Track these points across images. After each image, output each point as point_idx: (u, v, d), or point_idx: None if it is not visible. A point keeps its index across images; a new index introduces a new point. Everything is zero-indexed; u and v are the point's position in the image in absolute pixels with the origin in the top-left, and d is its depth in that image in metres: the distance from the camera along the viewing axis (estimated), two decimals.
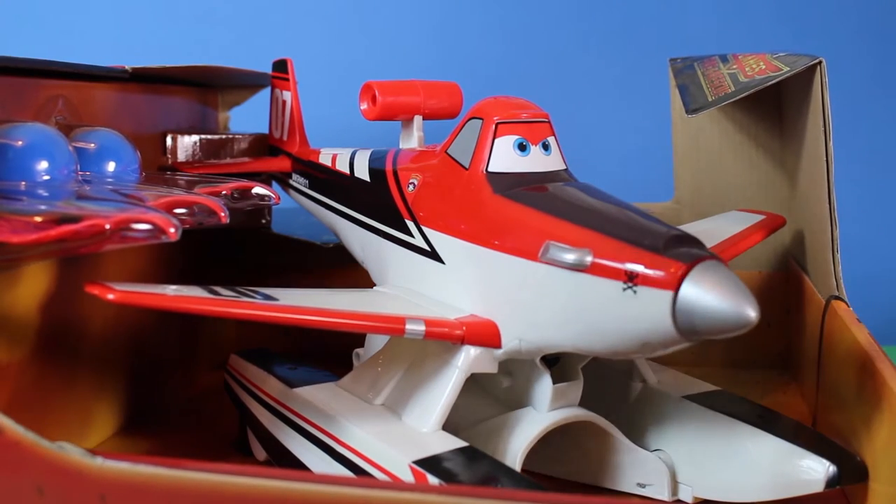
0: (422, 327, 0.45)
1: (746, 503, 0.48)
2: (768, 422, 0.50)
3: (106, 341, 0.59)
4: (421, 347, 0.49)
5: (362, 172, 0.59)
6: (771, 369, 0.74)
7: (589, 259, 0.42)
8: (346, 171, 0.61)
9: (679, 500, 0.51)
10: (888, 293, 0.93)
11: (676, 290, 0.39)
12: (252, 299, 0.44)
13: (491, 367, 0.48)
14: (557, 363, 0.49)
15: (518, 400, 0.51)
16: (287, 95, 0.72)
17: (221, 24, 1.03)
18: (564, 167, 0.51)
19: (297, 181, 0.68)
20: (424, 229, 0.52)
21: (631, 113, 1.00)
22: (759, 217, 0.64)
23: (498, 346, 0.47)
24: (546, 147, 0.50)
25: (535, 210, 0.46)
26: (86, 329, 0.57)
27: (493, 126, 0.50)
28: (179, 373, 0.70)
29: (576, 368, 0.50)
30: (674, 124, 0.75)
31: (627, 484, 0.51)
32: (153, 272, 0.64)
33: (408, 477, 0.43)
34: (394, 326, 0.45)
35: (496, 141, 0.49)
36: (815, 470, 0.46)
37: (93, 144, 0.51)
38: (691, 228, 0.55)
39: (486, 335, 0.47)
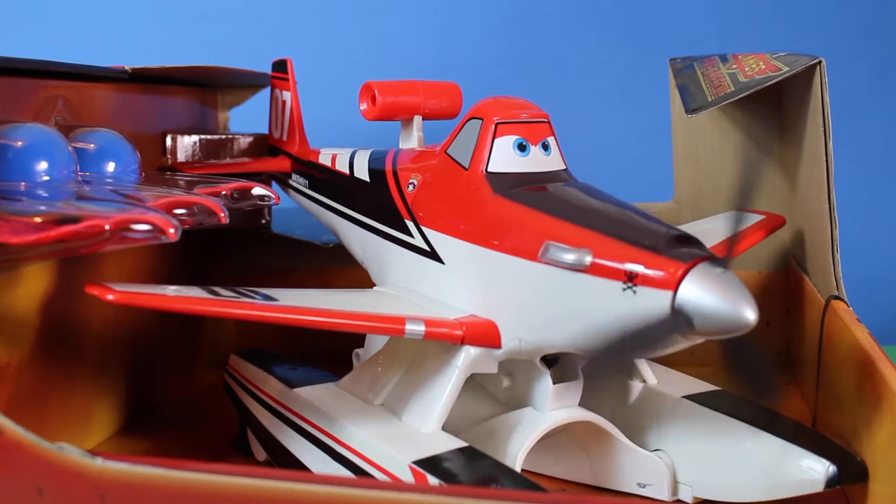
0: (421, 327, 0.45)
1: (746, 503, 0.48)
2: (768, 422, 0.49)
3: (106, 341, 0.59)
4: (421, 348, 0.49)
5: (362, 172, 0.59)
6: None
7: (588, 259, 0.42)
8: (346, 171, 0.61)
9: (679, 500, 0.50)
10: (888, 293, 0.93)
11: (676, 290, 0.39)
12: (252, 299, 0.44)
13: (491, 368, 0.48)
14: (557, 363, 0.49)
15: (518, 400, 0.51)
16: (287, 95, 0.72)
17: (221, 23, 1.03)
18: (564, 167, 0.51)
19: (297, 181, 0.68)
20: (424, 229, 0.52)
21: (631, 113, 0.99)
22: (759, 217, 0.64)
23: (498, 346, 0.47)
24: (546, 147, 0.50)
25: (535, 210, 0.46)
26: (86, 329, 0.56)
27: (493, 126, 0.50)
28: (179, 373, 0.70)
29: (576, 368, 0.50)
30: (674, 124, 0.75)
31: (627, 484, 0.51)
32: (153, 272, 0.64)
33: (408, 477, 0.43)
34: (393, 327, 0.45)
35: (496, 141, 0.49)
36: (815, 470, 0.46)
37: (92, 145, 0.51)
38: (691, 228, 0.55)
39: (485, 335, 0.47)
